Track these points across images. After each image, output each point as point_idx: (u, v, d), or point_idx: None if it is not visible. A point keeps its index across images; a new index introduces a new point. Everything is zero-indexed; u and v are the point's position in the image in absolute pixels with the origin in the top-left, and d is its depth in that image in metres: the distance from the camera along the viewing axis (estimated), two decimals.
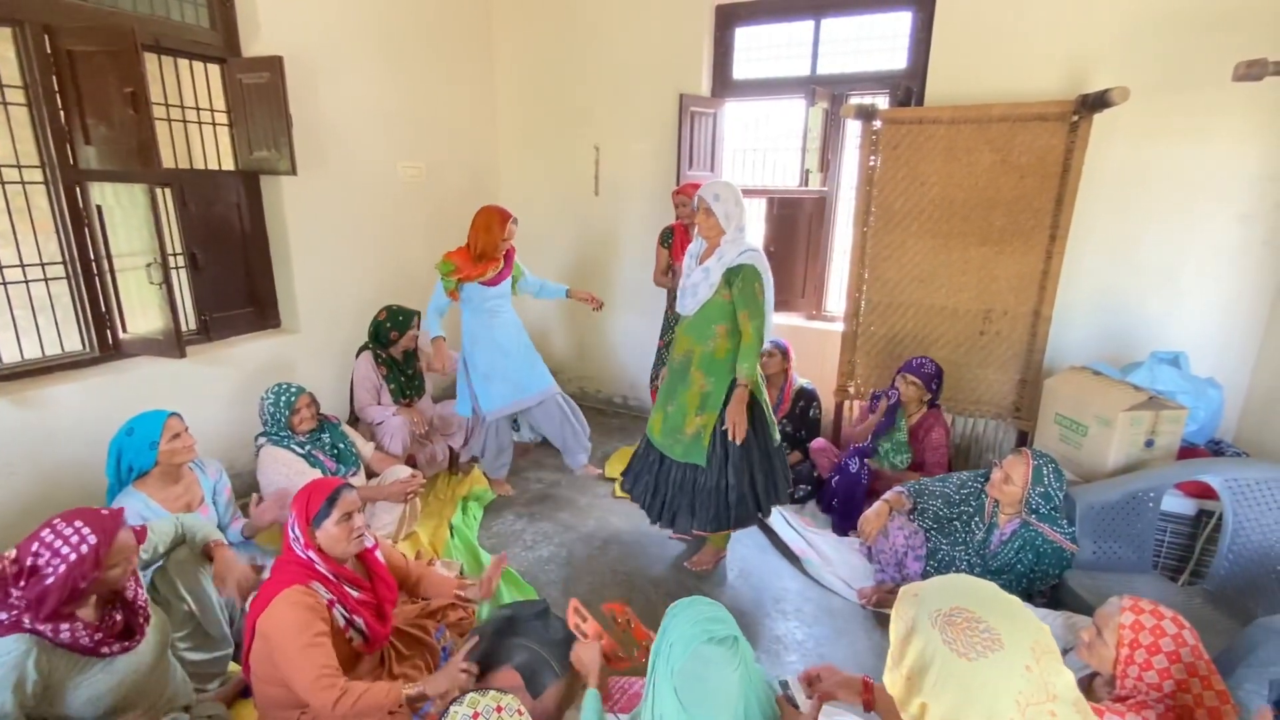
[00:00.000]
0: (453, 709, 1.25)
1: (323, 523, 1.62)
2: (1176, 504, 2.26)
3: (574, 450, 3.33)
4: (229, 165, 3.09)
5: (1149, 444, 2.32)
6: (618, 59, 3.93)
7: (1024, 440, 3.17)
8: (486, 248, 2.88)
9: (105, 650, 1.43)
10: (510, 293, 3.11)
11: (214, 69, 2.97)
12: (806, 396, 3.38)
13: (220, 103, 3.02)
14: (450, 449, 3.40)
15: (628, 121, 4.00)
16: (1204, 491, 2.24)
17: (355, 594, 1.62)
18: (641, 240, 3.99)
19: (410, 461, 3.14)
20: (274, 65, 2.81)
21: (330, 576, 1.58)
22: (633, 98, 3.94)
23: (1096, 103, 2.59)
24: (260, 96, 2.89)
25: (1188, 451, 2.47)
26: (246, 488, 2.90)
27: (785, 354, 3.36)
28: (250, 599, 1.59)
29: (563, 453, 3.37)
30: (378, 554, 1.78)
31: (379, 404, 3.09)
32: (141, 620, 1.54)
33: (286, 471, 2.50)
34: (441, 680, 1.54)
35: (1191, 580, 2.29)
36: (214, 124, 3.02)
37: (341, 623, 1.61)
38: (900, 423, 2.98)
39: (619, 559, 2.73)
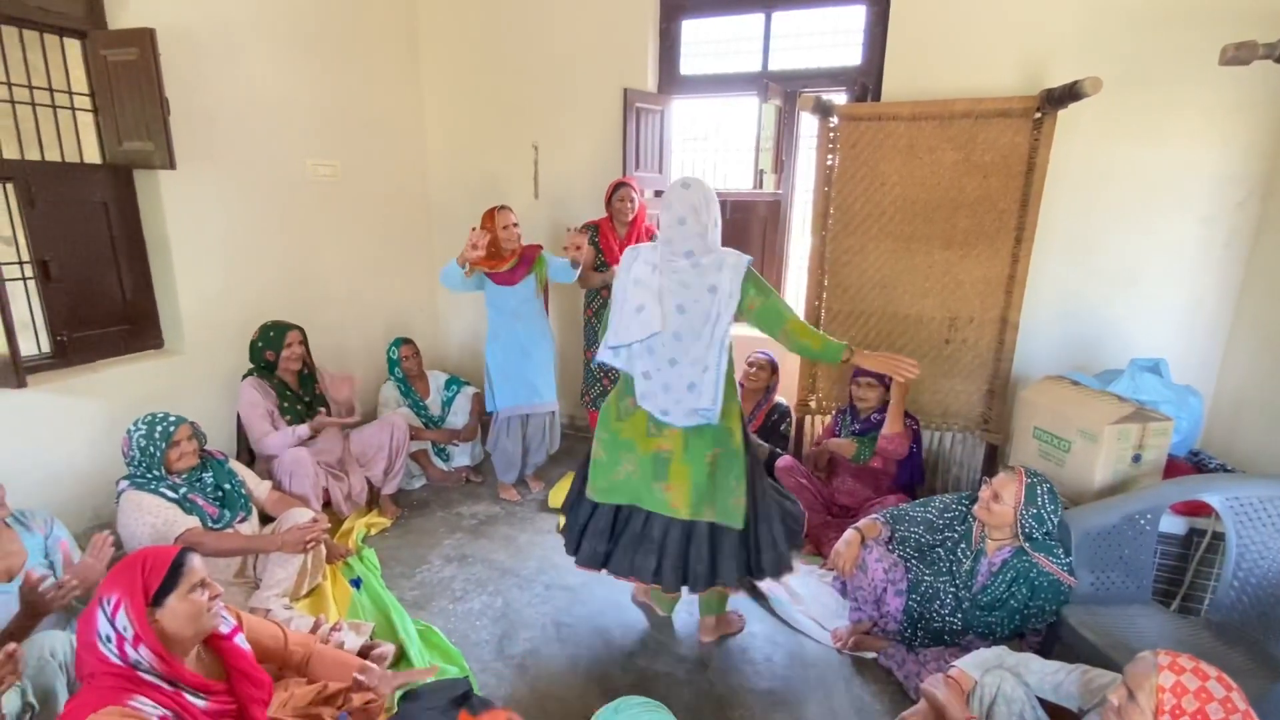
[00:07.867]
0: None
1: (166, 599, 1.24)
2: (1167, 523, 2.09)
3: (529, 464, 3.30)
4: (94, 158, 2.61)
5: (1136, 459, 2.15)
6: (556, 51, 3.63)
7: (994, 454, 3.01)
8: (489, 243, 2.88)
9: None
10: (534, 296, 3.05)
11: (73, 44, 2.51)
12: (780, 412, 3.19)
13: (83, 85, 2.56)
14: (369, 483, 2.99)
15: (569, 119, 3.69)
16: (1194, 508, 2.08)
17: (201, 703, 1.22)
18: None
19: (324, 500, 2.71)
20: (144, 39, 2.38)
21: (164, 685, 1.18)
22: (574, 93, 3.64)
23: (1064, 96, 2.44)
24: (129, 77, 2.44)
25: (1171, 465, 2.32)
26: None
27: (774, 370, 3.19)
28: None
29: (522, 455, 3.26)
30: (239, 639, 1.38)
31: (276, 429, 2.65)
32: None
33: (153, 521, 2.06)
34: None
35: (1184, 607, 2.13)
36: (73, 109, 2.55)
37: None
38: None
39: (565, 607, 2.38)
